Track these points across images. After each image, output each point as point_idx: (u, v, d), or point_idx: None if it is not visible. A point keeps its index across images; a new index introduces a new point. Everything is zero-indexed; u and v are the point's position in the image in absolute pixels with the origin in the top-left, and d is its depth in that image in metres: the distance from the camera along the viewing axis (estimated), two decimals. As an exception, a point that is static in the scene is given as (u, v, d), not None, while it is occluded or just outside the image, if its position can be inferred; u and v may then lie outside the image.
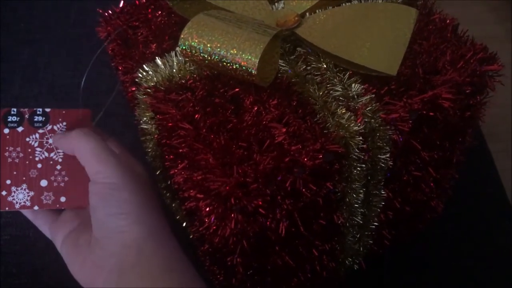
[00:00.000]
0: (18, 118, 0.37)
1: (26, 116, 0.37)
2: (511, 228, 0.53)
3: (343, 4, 0.36)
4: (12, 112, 0.37)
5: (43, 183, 0.37)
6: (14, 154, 0.37)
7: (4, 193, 0.36)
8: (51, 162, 0.37)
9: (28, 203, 0.36)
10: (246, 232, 0.31)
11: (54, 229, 0.37)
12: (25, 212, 0.39)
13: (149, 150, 0.37)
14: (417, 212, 0.43)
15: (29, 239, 0.49)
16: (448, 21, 0.36)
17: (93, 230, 0.34)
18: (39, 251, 0.48)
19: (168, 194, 0.41)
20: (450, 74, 0.32)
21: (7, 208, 0.36)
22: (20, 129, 0.37)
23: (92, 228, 0.34)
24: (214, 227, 0.29)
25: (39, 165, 0.37)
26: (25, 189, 0.37)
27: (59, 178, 0.37)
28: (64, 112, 0.38)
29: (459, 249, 0.50)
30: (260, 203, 0.28)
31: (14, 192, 0.36)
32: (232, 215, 0.28)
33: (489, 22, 1.49)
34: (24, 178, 0.37)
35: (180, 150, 0.30)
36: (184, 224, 0.43)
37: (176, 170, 0.31)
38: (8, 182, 0.36)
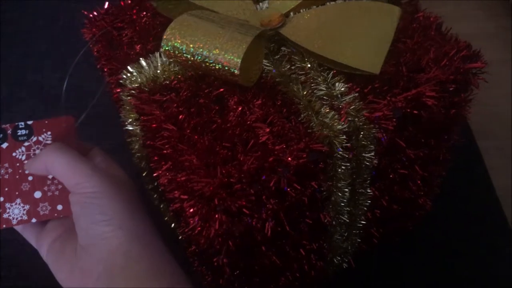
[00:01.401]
0: (1, 134, 0.37)
1: (9, 132, 0.37)
2: (500, 226, 0.53)
3: (328, 3, 0.36)
4: None
5: (37, 194, 0.36)
6: (2, 171, 0.36)
7: None
8: None
9: (25, 217, 0.36)
10: (232, 233, 0.31)
11: (40, 239, 0.37)
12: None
13: (135, 151, 0.37)
14: (405, 210, 0.43)
15: (18, 242, 0.49)
16: (432, 19, 0.36)
17: (78, 239, 0.34)
18: (29, 254, 0.48)
19: (155, 196, 0.41)
20: (433, 72, 0.33)
21: (4, 226, 0.35)
22: (4, 145, 0.37)
23: (78, 236, 0.34)
24: (199, 228, 0.29)
25: (30, 178, 0.37)
26: (19, 204, 0.36)
27: (53, 187, 0.37)
28: (47, 122, 0.38)
29: (448, 248, 0.50)
30: (244, 203, 0.28)
31: (9, 208, 0.36)
32: (216, 215, 0.28)
33: (481, 19, 1.50)
34: (17, 193, 0.36)
35: (164, 151, 0.30)
36: (173, 225, 0.43)
37: (160, 172, 0.31)
38: (1, 199, 0.36)
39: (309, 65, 0.33)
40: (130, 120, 0.35)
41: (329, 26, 0.33)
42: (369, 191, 0.36)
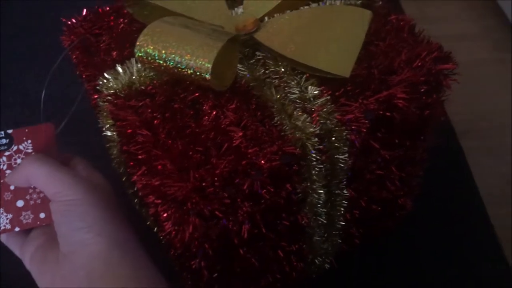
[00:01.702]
0: None
1: None
2: (483, 226, 0.53)
3: (301, 8, 0.36)
4: None
5: (20, 203, 0.37)
6: None
7: None
8: None
9: (8, 226, 0.36)
10: (208, 236, 0.31)
11: (23, 248, 0.38)
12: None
13: (114, 157, 0.38)
14: (385, 210, 0.43)
15: (2, 250, 0.49)
16: (404, 21, 0.37)
17: (60, 247, 0.35)
18: (14, 262, 0.48)
19: (136, 200, 0.42)
20: (405, 74, 0.33)
21: None
22: None
23: (59, 244, 0.35)
24: (174, 233, 0.29)
25: (12, 187, 0.37)
26: (2, 213, 0.37)
27: (35, 196, 0.37)
28: (27, 130, 0.38)
29: (431, 248, 0.50)
30: (217, 206, 0.28)
31: None
32: (190, 219, 0.28)
33: (467, 19, 1.52)
34: None
35: (139, 157, 0.31)
36: (155, 230, 0.43)
37: (136, 177, 0.31)
38: None
39: (282, 69, 0.34)
40: (108, 125, 0.36)
41: (302, 30, 0.34)
42: (345, 192, 0.36)
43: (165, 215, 0.28)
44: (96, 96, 0.36)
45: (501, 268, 0.51)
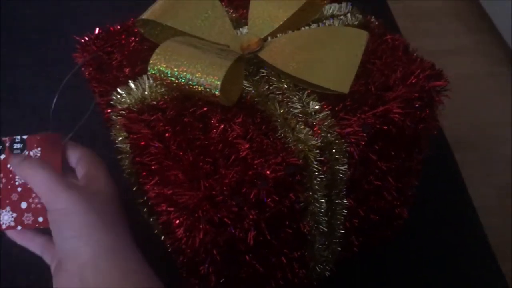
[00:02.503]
0: (1, 146, 0.40)
1: (7, 144, 0.40)
2: (477, 234, 0.55)
3: (302, 28, 0.39)
4: None
5: (23, 205, 0.40)
6: None
7: None
8: (29, 186, 0.39)
9: (12, 224, 0.39)
10: (216, 242, 0.33)
11: (45, 248, 0.41)
12: (19, 239, 0.42)
13: (125, 168, 0.40)
14: (382, 219, 0.45)
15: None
16: (399, 41, 0.39)
17: (57, 255, 0.37)
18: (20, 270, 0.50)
19: (145, 209, 0.44)
20: (400, 90, 0.35)
21: None
22: (2, 156, 0.40)
23: (56, 251, 0.37)
24: (185, 239, 0.31)
25: (19, 189, 0.40)
26: (9, 211, 0.39)
27: (36, 200, 0.40)
28: (38, 138, 0.41)
29: (427, 257, 0.51)
30: (225, 214, 0.30)
31: (1, 214, 0.39)
32: (201, 226, 0.30)
33: (459, 34, 1.55)
34: (7, 201, 0.40)
35: (152, 167, 0.33)
36: (162, 238, 0.45)
37: (148, 186, 0.33)
38: None
39: (285, 86, 0.36)
40: (120, 138, 0.38)
41: (303, 49, 0.36)
42: (345, 201, 0.38)
43: (177, 222, 0.30)
44: (109, 111, 0.38)
45: (495, 277, 0.52)
